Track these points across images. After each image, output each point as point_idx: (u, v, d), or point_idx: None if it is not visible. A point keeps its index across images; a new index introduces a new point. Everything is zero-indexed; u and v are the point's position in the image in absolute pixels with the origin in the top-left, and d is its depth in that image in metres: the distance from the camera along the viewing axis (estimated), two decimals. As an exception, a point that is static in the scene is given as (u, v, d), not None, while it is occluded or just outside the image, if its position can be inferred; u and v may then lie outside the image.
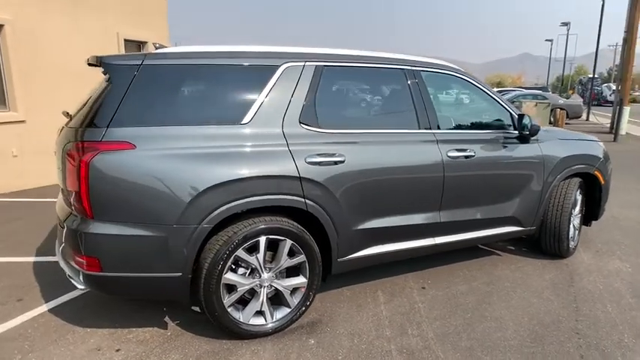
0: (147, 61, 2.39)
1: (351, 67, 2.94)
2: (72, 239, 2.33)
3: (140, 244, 2.31)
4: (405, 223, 3.05)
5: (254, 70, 2.63)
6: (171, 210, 2.30)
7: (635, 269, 3.77)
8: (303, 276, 2.74)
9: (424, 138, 3.07)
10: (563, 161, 3.68)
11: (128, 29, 7.77)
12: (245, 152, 2.48)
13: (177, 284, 2.42)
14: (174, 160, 2.32)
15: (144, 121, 2.33)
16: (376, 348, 2.60)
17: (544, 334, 2.78)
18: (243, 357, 2.50)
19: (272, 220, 2.56)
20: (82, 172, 2.19)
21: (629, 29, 13.56)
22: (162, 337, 2.69)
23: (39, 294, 3.21)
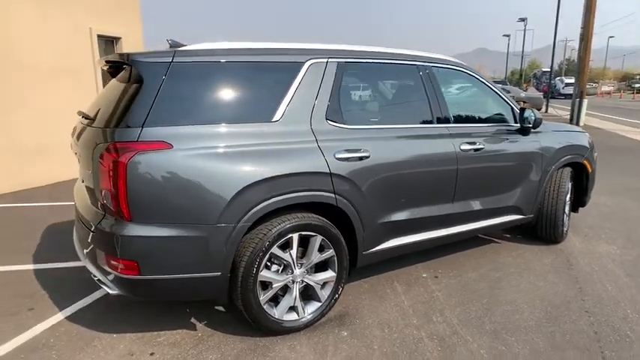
0: (177, 58, 2.35)
1: (370, 63, 3.00)
2: (106, 242, 2.27)
3: (180, 245, 2.28)
4: (423, 215, 3.16)
5: (281, 67, 2.64)
6: (212, 209, 2.28)
7: (622, 251, 4.06)
8: (332, 270, 2.78)
9: (439, 132, 3.18)
10: (558, 152, 3.90)
11: (101, 25, 7.46)
12: (279, 150, 2.49)
13: (216, 284, 2.40)
14: (212, 159, 2.30)
15: (178, 120, 2.29)
16: (407, 336, 2.69)
17: (557, 314, 2.96)
18: (281, 352, 2.52)
19: (304, 216, 2.58)
20: (120, 174, 2.13)
21: (585, 25, 14.35)
22: (193, 338, 2.66)
23: (49, 302, 3.08)
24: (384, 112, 3.12)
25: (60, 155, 6.93)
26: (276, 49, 2.67)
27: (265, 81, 2.61)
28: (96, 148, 2.25)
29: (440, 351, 2.55)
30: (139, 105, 2.22)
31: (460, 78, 3.53)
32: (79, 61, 7.13)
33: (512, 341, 2.64)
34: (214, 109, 2.42)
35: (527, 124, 3.62)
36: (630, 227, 4.70)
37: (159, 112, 2.24)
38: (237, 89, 2.52)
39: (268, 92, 2.60)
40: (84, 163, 2.49)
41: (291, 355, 2.49)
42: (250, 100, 2.55)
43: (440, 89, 3.25)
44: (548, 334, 2.72)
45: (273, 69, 2.62)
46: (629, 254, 3.97)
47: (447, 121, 3.25)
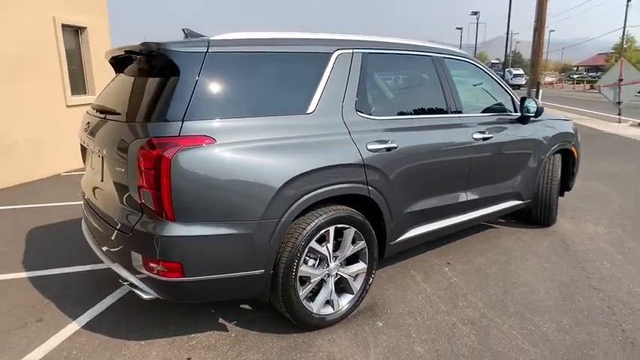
0: (212, 48, 2.23)
1: (390, 54, 3.00)
2: (145, 244, 2.13)
3: (224, 244, 2.19)
4: (441, 203, 3.22)
5: (313, 57, 2.58)
6: (257, 205, 2.21)
7: (608, 230, 4.34)
8: (362, 262, 2.78)
9: (455, 122, 3.24)
10: (552, 139, 4.10)
11: (65, 13, 6.97)
12: (316, 142, 2.44)
13: (259, 282, 2.33)
14: (254, 153, 2.22)
15: (217, 113, 2.19)
16: (440, 322, 2.74)
17: (569, 292, 3.12)
18: (323, 347, 2.50)
19: (339, 209, 2.56)
20: (163, 171, 2.00)
21: (538, 19, 15.06)
22: (227, 339, 2.58)
23: (58, 312, 2.87)
24: (405, 103, 3.13)
25: (26, 153, 6.45)
26: (305, 39, 2.61)
27: (299, 72, 2.54)
28: (131, 144, 2.10)
29: (475, 334, 2.62)
30: (178, 97, 2.09)
31: (467, 69, 3.61)
32: (43, 52, 6.63)
33: (538, 321, 2.76)
34: (252, 102, 2.33)
35: (528, 113, 3.77)
36: (609, 209, 5.03)
37: (198, 104, 2.13)
38: (272, 80, 2.44)
39: (302, 83, 2.53)
40: (110, 160, 2.32)
41: (334, 349, 2.47)
42: (285, 91, 2.48)
43: (452, 80, 3.31)
44: (568, 311, 2.86)
45: (305, 60, 2.56)
46: (614, 233, 4.25)
47: (460, 111, 3.32)
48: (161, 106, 2.09)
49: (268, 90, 2.43)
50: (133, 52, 2.43)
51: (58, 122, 7.01)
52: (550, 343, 2.52)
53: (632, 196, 5.56)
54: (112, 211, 2.37)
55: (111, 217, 2.37)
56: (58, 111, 7.00)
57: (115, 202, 2.34)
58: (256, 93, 2.37)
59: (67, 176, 7.01)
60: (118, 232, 2.28)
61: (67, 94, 7.11)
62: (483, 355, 2.42)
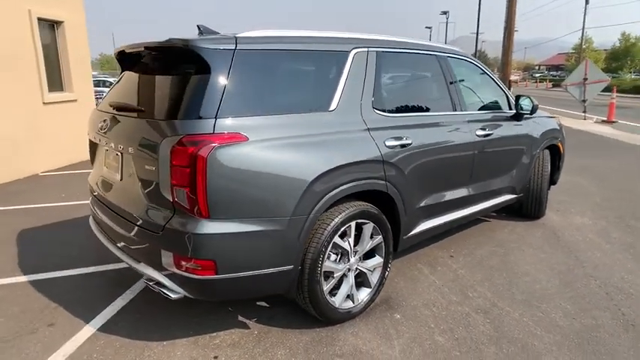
0: (239, 45, 2.22)
1: (400, 53, 3.06)
2: (177, 243, 2.11)
3: (257, 240, 2.19)
4: (448, 198, 3.33)
5: (333, 55, 2.61)
6: (288, 202, 2.22)
7: (593, 222, 4.58)
8: (379, 256, 2.84)
9: (461, 119, 3.35)
10: (542, 135, 4.29)
11: (41, 6, 6.68)
12: (340, 139, 2.48)
13: (288, 278, 2.35)
14: (284, 149, 2.23)
15: (247, 110, 2.19)
16: (455, 312, 2.84)
17: (568, 280, 3.29)
18: (347, 340, 2.54)
19: (360, 204, 2.61)
20: (199, 169, 1.99)
21: (508, 20, 15.61)
22: (251, 336, 2.58)
23: (68, 315, 2.79)
24: (415, 100, 3.20)
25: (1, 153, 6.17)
26: (325, 37, 2.64)
27: (321, 70, 2.57)
28: (163, 141, 2.06)
29: (489, 322, 2.73)
30: (210, 95, 2.08)
31: (467, 67, 3.72)
32: (19, 47, 6.35)
33: (545, 308, 2.90)
34: (278, 99, 2.34)
35: (522, 111, 3.93)
36: (590, 201, 5.30)
37: (229, 102, 2.12)
38: (296, 78, 2.46)
39: (324, 81, 2.57)
40: (135, 158, 2.27)
41: (358, 342, 2.52)
42: (309, 89, 2.51)
43: (456, 78, 3.42)
44: (570, 298, 3.02)
45: (326, 58, 2.59)
46: (599, 225, 4.50)
47: (463, 109, 3.43)
48: (193, 104, 2.07)
49: (293, 87, 2.45)
50: (156, 49, 2.38)
51: (35, 120, 6.74)
52: (560, 328, 2.66)
53: (608, 189, 5.88)
54: (136, 209, 2.32)
55: (135, 215, 2.32)
56: (34, 108, 6.73)
57: (141, 201, 2.30)
58: (282, 90, 2.39)
59: (45, 176, 6.75)
60: (145, 230, 2.24)
61: (44, 90, 6.84)
62: (501, 341, 2.53)
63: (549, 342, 2.52)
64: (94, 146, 2.87)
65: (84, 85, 7.83)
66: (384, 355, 2.41)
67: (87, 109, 7.97)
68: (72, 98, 7.50)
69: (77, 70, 7.58)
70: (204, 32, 2.55)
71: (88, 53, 8.01)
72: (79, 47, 7.64)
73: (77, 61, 7.60)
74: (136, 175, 2.30)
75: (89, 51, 8.06)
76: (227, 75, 2.14)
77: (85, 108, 7.92)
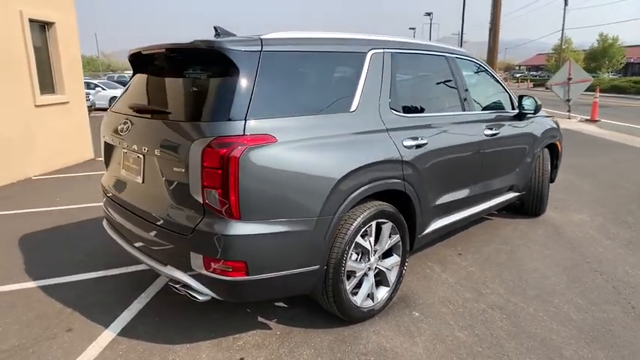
0: (265, 47, 2.23)
1: (413, 54, 3.11)
2: (207, 244, 2.10)
3: (286, 241, 2.21)
4: (459, 197, 3.39)
5: (352, 57, 2.64)
6: (315, 202, 2.24)
7: (591, 218, 4.71)
8: (396, 255, 2.88)
9: (470, 119, 3.42)
10: (543, 134, 4.39)
11: (32, 7, 6.55)
12: (361, 139, 2.51)
13: (314, 277, 2.37)
14: (312, 150, 2.25)
15: (274, 111, 2.20)
16: (471, 309, 2.89)
17: (576, 275, 3.38)
18: (371, 338, 2.57)
19: (380, 204, 2.64)
20: (231, 170, 1.99)
21: (493, 20, 15.89)
22: (274, 337, 2.59)
23: (85, 320, 2.76)
24: (428, 101, 3.25)
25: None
26: (345, 38, 2.67)
27: (342, 71, 2.60)
28: (194, 143, 2.06)
29: (506, 318, 2.79)
30: (239, 96, 2.09)
31: (473, 68, 3.79)
32: (10, 48, 6.21)
33: (557, 302, 2.98)
34: (303, 100, 2.36)
35: (525, 111, 4.02)
36: (585, 199, 5.44)
37: (257, 103, 2.13)
38: (320, 79, 2.48)
39: (344, 82, 2.59)
40: (161, 160, 2.26)
41: (381, 340, 2.55)
42: (331, 90, 2.53)
43: (464, 78, 3.49)
44: (580, 293, 3.11)
45: (346, 59, 2.62)
46: (597, 221, 4.62)
47: (472, 109, 3.50)
48: (223, 106, 2.08)
49: (316, 89, 2.47)
50: (179, 51, 2.37)
51: (27, 123, 6.60)
52: (575, 322, 2.74)
53: (601, 186, 6.04)
54: (162, 212, 2.31)
55: (161, 218, 2.31)
56: (26, 111, 6.58)
57: (167, 203, 2.29)
58: (306, 92, 2.41)
59: (38, 180, 6.61)
60: (173, 233, 2.23)
61: (36, 93, 6.70)
62: (520, 336, 2.59)
63: (566, 336, 2.59)
64: (110, 148, 2.83)
65: (76, 87, 7.69)
66: (409, 352, 2.45)
67: (79, 111, 7.86)
68: (64, 100, 7.36)
69: (69, 71, 7.45)
70: (221, 34, 2.56)
71: (79, 54, 7.88)
72: (71, 48, 7.51)
73: (68, 63, 7.47)
74: (162, 177, 2.29)
75: (80, 52, 7.92)
76: (254, 77, 2.15)
77: (77, 110, 7.81)
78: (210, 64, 2.25)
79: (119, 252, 3.69)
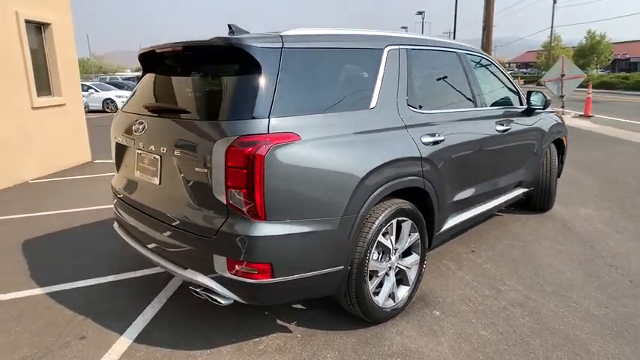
0: (286, 44, 2.18)
1: (426, 51, 3.07)
2: (231, 246, 2.04)
3: (311, 241, 2.15)
4: (473, 193, 3.36)
5: (370, 53, 2.59)
6: (339, 201, 2.19)
7: (598, 212, 4.71)
8: (415, 253, 2.83)
9: (482, 114, 3.39)
10: (550, 129, 4.39)
11: (28, 8, 6.41)
12: (382, 137, 2.47)
13: (338, 278, 2.32)
14: (335, 148, 2.20)
15: (297, 109, 2.15)
16: (492, 307, 2.86)
17: (591, 270, 3.37)
18: (394, 339, 2.52)
19: (400, 202, 2.60)
20: (257, 170, 1.93)
21: (486, 18, 15.96)
22: (295, 340, 2.54)
23: (98, 327, 2.68)
24: (442, 97, 3.22)
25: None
26: (362, 35, 2.62)
27: (361, 67, 2.55)
28: (217, 143, 1.99)
29: (528, 315, 2.76)
30: (262, 94, 2.03)
31: (483, 64, 3.77)
32: (6, 50, 6.08)
33: (576, 298, 2.96)
34: (325, 97, 2.30)
35: (534, 106, 4.00)
36: (589, 193, 5.46)
37: (280, 101, 2.08)
38: (340, 76, 2.44)
39: (364, 79, 2.55)
40: (180, 160, 2.18)
41: (405, 340, 2.51)
42: (351, 87, 2.48)
43: (475, 74, 3.46)
44: (597, 288, 3.09)
45: (364, 55, 2.57)
46: (604, 215, 4.63)
47: (484, 105, 3.47)
48: (246, 104, 2.02)
49: (336, 86, 2.42)
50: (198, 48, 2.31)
51: (24, 126, 6.46)
52: (597, 317, 2.72)
53: (602, 180, 6.07)
54: (182, 214, 2.24)
55: (181, 220, 2.24)
56: (23, 114, 6.45)
57: (187, 205, 2.22)
58: (326, 89, 2.35)
59: (36, 184, 6.48)
60: (195, 235, 2.16)
61: (33, 95, 6.57)
62: (543, 333, 2.56)
63: (590, 331, 2.57)
64: (122, 149, 2.75)
65: (72, 89, 7.56)
66: (434, 352, 2.41)
67: (76, 113, 7.73)
68: (61, 102, 7.23)
69: (65, 73, 7.31)
70: (235, 31, 2.49)
71: (75, 56, 7.74)
72: (67, 50, 7.37)
73: (65, 64, 7.33)
74: (182, 178, 2.22)
75: (76, 53, 7.78)
76: (277, 74, 2.09)
77: (74, 112, 7.68)
78: (231, 61, 2.19)
79: (126, 256, 3.66)
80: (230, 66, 2.19)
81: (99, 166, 7.67)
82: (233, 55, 2.14)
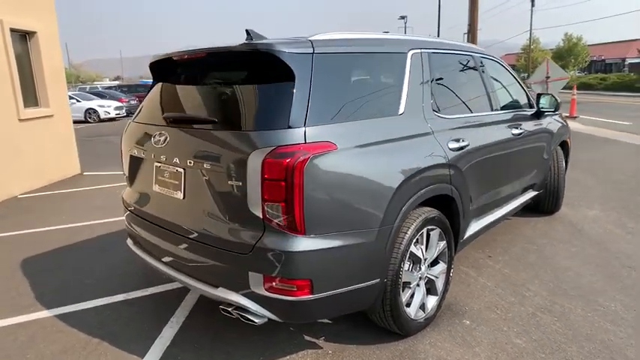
0: (316, 49, 2.10)
1: (446, 54, 3.03)
2: (268, 263, 1.94)
3: (350, 255, 2.07)
4: (493, 198, 3.32)
5: (395, 57, 2.53)
6: (377, 212, 2.11)
7: (605, 213, 4.74)
8: (442, 262, 2.77)
9: (500, 118, 3.36)
10: (557, 132, 4.40)
11: (13, 17, 6.19)
12: (412, 143, 2.41)
13: (374, 292, 2.23)
14: (370, 156, 2.13)
15: (331, 117, 2.06)
16: (520, 313, 2.81)
17: (610, 272, 3.35)
18: (429, 351, 2.45)
19: (429, 210, 2.53)
20: (296, 182, 1.84)
21: (471, 21, 16.19)
22: (327, 356, 2.44)
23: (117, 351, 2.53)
24: (463, 101, 3.17)
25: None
26: (387, 39, 2.57)
27: (387, 72, 2.49)
28: (252, 154, 1.89)
29: (557, 320, 2.72)
30: (297, 102, 1.94)
31: (495, 68, 3.75)
32: (-8, 60, 5.85)
33: (602, 301, 2.93)
34: (355, 104, 2.22)
35: (544, 109, 4.00)
36: (592, 194, 5.50)
37: (314, 109, 1.99)
38: (369, 81, 2.37)
39: (391, 84, 2.48)
40: (211, 173, 2.07)
41: (441, 353, 2.44)
42: (380, 92, 2.41)
43: (490, 78, 3.43)
44: (620, 290, 3.07)
45: (390, 59, 2.51)
46: (611, 216, 4.65)
47: (500, 108, 3.45)
48: (281, 112, 1.93)
49: (365, 91, 2.34)
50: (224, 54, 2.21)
51: (11, 138, 6.22)
52: (627, 321, 2.69)
53: (602, 181, 6.13)
54: (211, 229, 2.12)
55: (211, 236, 2.12)
56: (9, 126, 6.20)
57: (217, 220, 2.10)
58: (356, 95, 2.28)
59: (25, 199, 6.23)
60: (226, 252, 2.05)
61: (20, 106, 6.33)
62: (578, 339, 2.52)
63: (624, 336, 2.54)
64: (136, 162, 2.62)
65: (60, 100, 7.33)
66: (472, 364, 2.34)
67: (64, 124, 7.49)
68: (48, 114, 6.99)
69: (52, 83, 7.08)
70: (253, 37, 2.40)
71: (62, 65, 7.52)
72: (53, 59, 7.15)
73: (52, 74, 7.10)
74: (210, 192, 2.10)
75: (63, 63, 7.56)
76: (310, 80, 2.01)
77: (62, 124, 7.44)
78: (260, 68, 2.10)
79: (133, 273, 3.51)
80: (260, 73, 2.10)
81: (89, 178, 7.44)
82: (263, 62, 2.05)
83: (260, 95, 2.06)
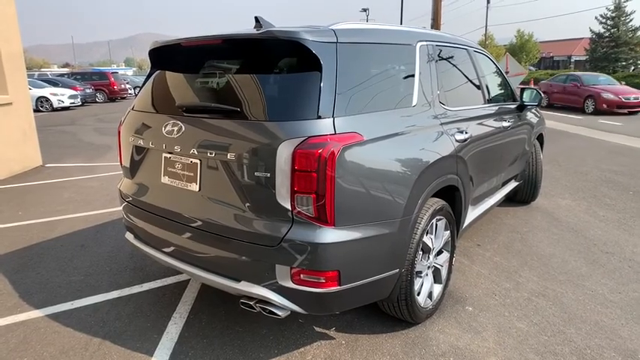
0: (340, 38, 2.07)
1: (446, 47, 3.08)
2: (297, 255, 1.91)
3: (375, 245, 2.08)
4: (487, 187, 3.44)
5: (407, 49, 2.55)
6: (400, 202, 2.14)
7: (576, 203, 5.02)
8: (446, 251, 2.84)
9: (491, 110, 3.47)
10: (537, 124, 4.60)
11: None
12: (426, 135, 2.45)
13: (394, 281, 2.26)
14: (392, 148, 2.15)
15: (355, 108, 2.05)
16: (517, 299, 2.94)
17: (592, 258, 3.57)
18: (439, 338, 2.51)
19: (438, 201, 2.58)
20: (328, 173, 1.82)
21: (434, 16, 16.51)
22: (341, 347, 2.45)
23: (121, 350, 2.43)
24: (463, 94, 3.24)
25: None
26: (399, 30, 2.58)
27: (401, 63, 2.49)
28: (281, 144, 1.85)
29: (552, 304, 2.87)
30: (325, 92, 1.91)
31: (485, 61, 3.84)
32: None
33: (589, 285, 3.12)
34: (375, 95, 2.22)
35: (527, 102, 4.17)
36: (561, 184, 5.81)
37: (340, 99, 1.97)
38: (386, 72, 2.36)
39: (404, 75, 2.49)
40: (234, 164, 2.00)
41: (450, 339, 2.51)
42: (396, 84, 2.42)
43: (484, 72, 3.53)
44: (604, 275, 3.28)
45: (401, 51, 2.52)
46: (583, 205, 4.94)
47: (492, 101, 3.56)
48: (310, 102, 1.89)
49: (383, 82, 2.34)
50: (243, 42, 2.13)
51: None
52: (615, 303, 2.88)
53: (569, 172, 6.48)
54: (233, 222, 2.05)
55: (230, 229, 2.06)
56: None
57: (239, 212, 2.04)
58: (376, 86, 2.27)
59: (-14, 192, 5.79)
60: (251, 244, 2.00)
61: (-23, 93, 5.86)
62: (574, 321, 2.67)
63: (615, 317, 2.72)
64: (140, 152, 2.49)
65: (19, 86, 6.84)
66: (482, 348, 2.43)
67: (24, 113, 7.02)
68: (7, 101, 6.51)
69: (11, 69, 6.59)
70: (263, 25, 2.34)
71: (21, 50, 7.00)
72: (11, 43, 6.65)
73: (9, 59, 6.61)
74: (232, 184, 2.03)
75: (22, 46, 7.05)
76: (335, 70, 1.99)
77: (22, 112, 6.96)
78: (284, 56, 2.05)
79: (122, 269, 3.37)
80: (286, 62, 2.05)
81: (52, 170, 7.02)
82: (286, 51, 2.01)
83: (285, 85, 2.02)
